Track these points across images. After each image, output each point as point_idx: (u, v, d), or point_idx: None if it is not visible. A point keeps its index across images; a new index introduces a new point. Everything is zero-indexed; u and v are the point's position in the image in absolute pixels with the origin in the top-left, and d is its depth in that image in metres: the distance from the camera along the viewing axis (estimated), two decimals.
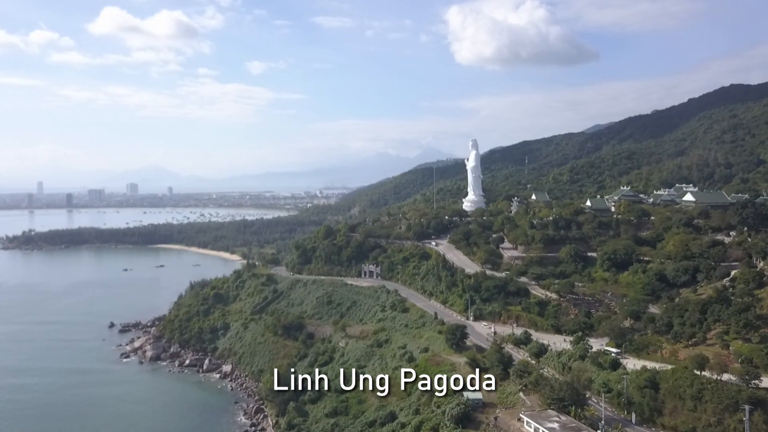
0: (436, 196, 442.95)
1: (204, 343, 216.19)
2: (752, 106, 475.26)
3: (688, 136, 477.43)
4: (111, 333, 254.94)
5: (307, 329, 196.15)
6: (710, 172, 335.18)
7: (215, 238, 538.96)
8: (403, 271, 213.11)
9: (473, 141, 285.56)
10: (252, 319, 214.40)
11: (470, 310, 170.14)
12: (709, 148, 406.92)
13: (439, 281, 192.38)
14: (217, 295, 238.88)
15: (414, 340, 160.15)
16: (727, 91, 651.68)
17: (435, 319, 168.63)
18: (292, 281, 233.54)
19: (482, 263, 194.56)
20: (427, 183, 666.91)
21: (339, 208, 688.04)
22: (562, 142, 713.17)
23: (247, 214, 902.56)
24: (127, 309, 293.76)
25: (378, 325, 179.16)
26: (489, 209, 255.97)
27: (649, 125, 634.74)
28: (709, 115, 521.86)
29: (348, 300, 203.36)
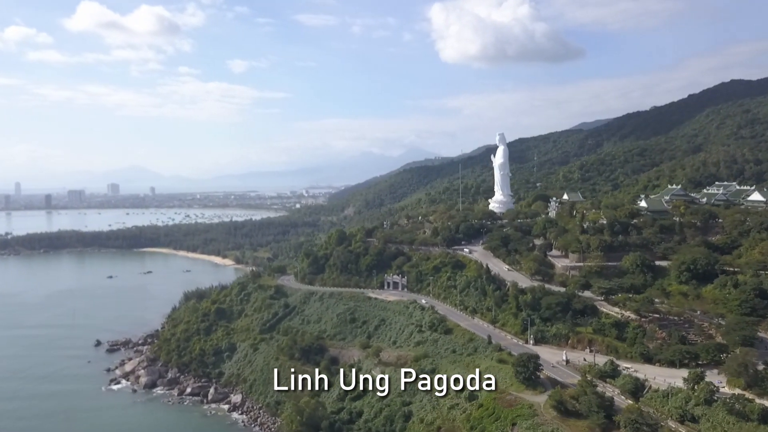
0: (442, 196, 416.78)
1: (207, 368, 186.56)
2: (765, 101, 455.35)
3: (699, 132, 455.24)
4: (97, 353, 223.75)
5: (329, 352, 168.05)
6: (739, 169, 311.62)
7: (204, 241, 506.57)
8: (435, 283, 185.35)
9: (501, 135, 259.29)
10: (262, 339, 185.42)
11: (529, 332, 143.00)
12: (727, 144, 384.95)
13: (483, 296, 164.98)
14: (219, 310, 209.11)
15: (469, 371, 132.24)
16: (728, 87, 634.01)
17: (489, 344, 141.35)
18: (305, 294, 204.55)
19: (531, 274, 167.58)
20: (423, 182, 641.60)
21: (332, 209, 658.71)
22: (560, 140, 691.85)
23: (233, 214, 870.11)
24: (114, 323, 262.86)
25: (418, 349, 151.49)
26: (523, 211, 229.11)
27: (651, 121, 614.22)
28: (717, 110, 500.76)
29: (374, 317, 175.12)
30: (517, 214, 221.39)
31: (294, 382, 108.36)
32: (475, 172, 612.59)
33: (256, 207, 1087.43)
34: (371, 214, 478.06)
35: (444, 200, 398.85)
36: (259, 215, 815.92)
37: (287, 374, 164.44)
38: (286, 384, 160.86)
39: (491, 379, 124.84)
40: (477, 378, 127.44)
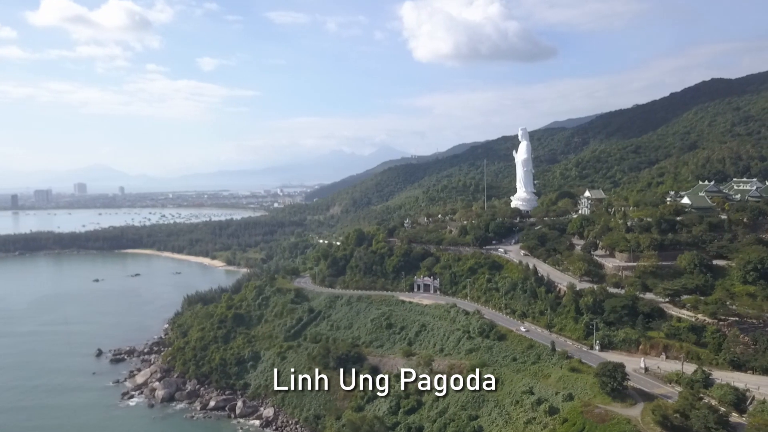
0: (441, 194, 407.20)
1: (230, 379, 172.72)
2: (755, 99, 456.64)
3: (691, 130, 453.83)
4: (100, 363, 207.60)
5: (368, 361, 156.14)
6: (745, 165, 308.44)
7: (190, 241, 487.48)
8: (473, 285, 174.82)
9: (523, 130, 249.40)
10: (289, 347, 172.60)
11: (595, 337, 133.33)
12: (723, 140, 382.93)
13: (533, 299, 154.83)
14: (237, 316, 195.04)
15: (540, 381, 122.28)
16: (709, 85, 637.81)
17: (553, 351, 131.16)
18: (329, 298, 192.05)
19: (580, 275, 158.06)
20: (410, 180, 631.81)
21: (316, 208, 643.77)
22: (544, 137, 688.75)
23: (210, 214, 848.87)
24: (111, 330, 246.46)
25: (471, 357, 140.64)
26: (551, 208, 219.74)
27: (636, 119, 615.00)
28: (705, 108, 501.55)
29: (413, 322, 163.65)
30: (546, 212, 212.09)
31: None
32: (463, 170, 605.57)
33: (232, 206, 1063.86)
34: (365, 213, 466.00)
35: (443, 198, 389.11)
36: (236, 215, 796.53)
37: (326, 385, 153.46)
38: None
39: (569, 390, 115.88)
40: (552, 389, 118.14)
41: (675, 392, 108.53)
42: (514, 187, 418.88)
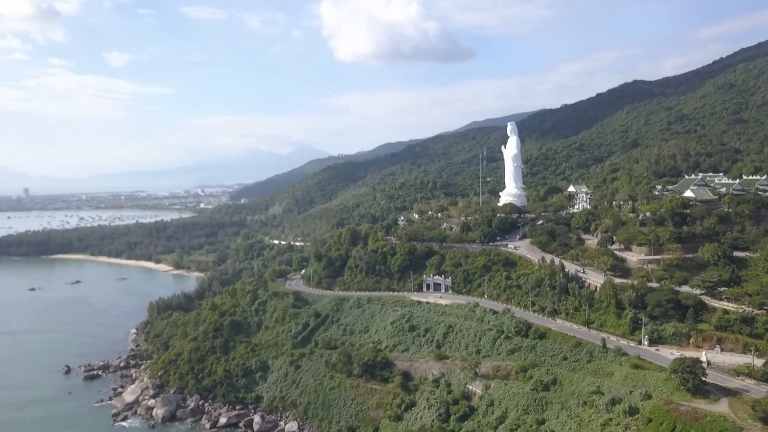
0: (399, 191, 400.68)
1: (239, 392, 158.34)
2: (684, 99, 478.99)
3: (628, 128, 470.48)
4: (73, 381, 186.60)
5: (397, 366, 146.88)
6: (695, 161, 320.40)
7: (128, 245, 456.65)
8: (490, 283, 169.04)
9: (512, 125, 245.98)
10: (301, 355, 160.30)
11: (643, 332, 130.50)
12: (664, 138, 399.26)
13: (563, 295, 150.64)
14: (234, 323, 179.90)
15: (604, 380, 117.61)
16: (632, 87, 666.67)
17: (604, 348, 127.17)
18: (334, 301, 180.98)
19: (605, 270, 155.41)
20: (352, 179, 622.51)
21: (255, 208, 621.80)
22: (478, 135, 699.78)
23: (134, 216, 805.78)
24: (70, 343, 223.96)
25: (514, 358, 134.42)
26: (551, 203, 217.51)
27: (568, 118, 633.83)
28: (637, 107, 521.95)
29: (437, 324, 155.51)
30: (544, 208, 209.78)
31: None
32: (405, 168, 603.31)
33: (154, 207, 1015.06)
34: (317, 212, 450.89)
35: (402, 196, 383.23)
36: (162, 216, 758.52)
37: (354, 394, 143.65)
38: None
39: (640, 388, 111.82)
40: (622, 388, 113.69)
41: (749, 385, 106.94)
42: (468, 185, 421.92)
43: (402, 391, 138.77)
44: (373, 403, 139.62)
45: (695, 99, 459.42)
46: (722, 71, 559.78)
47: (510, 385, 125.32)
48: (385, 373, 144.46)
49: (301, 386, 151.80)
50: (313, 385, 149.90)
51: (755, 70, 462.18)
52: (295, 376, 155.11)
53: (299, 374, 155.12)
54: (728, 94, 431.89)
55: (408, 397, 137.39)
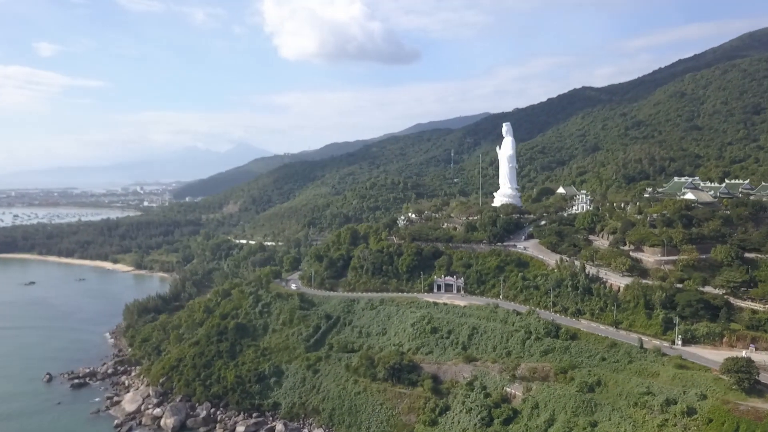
0: (371, 191, 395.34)
1: (253, 399, 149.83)
2: (638, 105, 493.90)
3: (586, 132, 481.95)
4: (58, 390, 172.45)
5: (424, 370, 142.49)
6: (661, 165, 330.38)
7: (79, 244, 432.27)
8: (505, 284, 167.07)
9: (507, 126, 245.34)
10: (317, 358, 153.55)
11: (676, 332, 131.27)
12: (624, 143, 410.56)
13: (586, 295, 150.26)
14: (239, 326, 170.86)
15: (653, 381, 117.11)
16: (581, 92, 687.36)
17: (642, 349, 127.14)
18: (344, 302, 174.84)
19: (622, 271, 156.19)
20: (309, 178, 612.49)
21: (208, 206, 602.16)
22: (433, 137, 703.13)
23: (74, 214, 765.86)
24: (45, 350, 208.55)
25: (549, 359, 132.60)
26: (551, 204, 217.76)
27: (521, 122, 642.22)
28: (590, 113, 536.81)
29: (459, 325, 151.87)
30: (545, 209, 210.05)
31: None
32: (363, 168, 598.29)
33: (93, 205, 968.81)
34: (285, 211, 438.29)
35: (374, 196, 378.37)
36: (102, 214, 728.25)
37: (383, 399, 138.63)
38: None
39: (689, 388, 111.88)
40: (674, 388, 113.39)
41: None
42: (437, 186, 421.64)
43: (433, 395, 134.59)
44: (404, 408, 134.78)
45: (649, 106, 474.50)
46: (666, 81, 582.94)
47: (553, 387, 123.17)
48: (412, 377, 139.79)
49: (323, 391, 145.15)
50: (335, 390, 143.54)
51: (702, 80, 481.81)
52: (314, 381, 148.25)
53: (318, 379, 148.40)
54: (680, 102, 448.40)
55: (440, 401, 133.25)
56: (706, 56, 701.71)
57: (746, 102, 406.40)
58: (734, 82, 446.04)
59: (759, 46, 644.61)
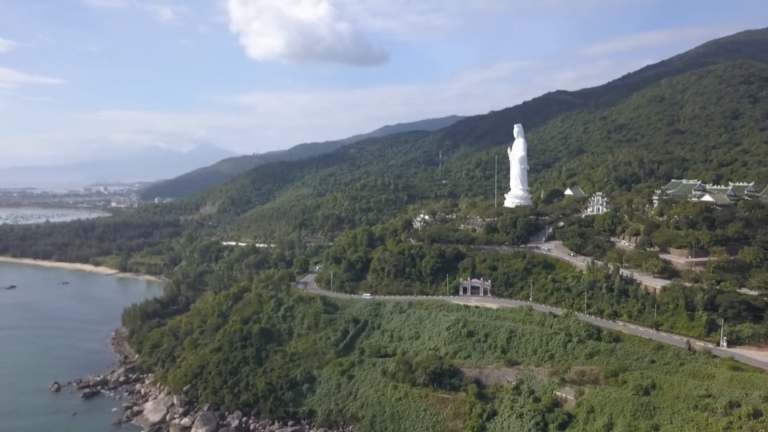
0: (361, 192, 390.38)
1: (287, 406, 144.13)
2: (617, 109, 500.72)
3: (568, 136, 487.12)
4: (70, 400, 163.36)
5: (466, 374, 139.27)
6: (651, 168, 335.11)
7: (57, 246, 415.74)
8: (536, 286, 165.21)
9: (518, 127, 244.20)
10: (351, 364, 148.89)
11: (721, 333, 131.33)
12: (608, 146, 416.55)
13: (621, 297, 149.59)
14: (263, 331, 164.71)
15: (711, 383, 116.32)
16: (556, 96, 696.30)
17: (690, 350, 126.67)
18: (370, 305, 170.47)
19: (654, 273, 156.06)
20: (287, 179, 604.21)
21: (184, 207, 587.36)
22: (411, 139, 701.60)
23: (38, 215, 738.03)
24: (45, 358, 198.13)
25: (596, 362, 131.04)
26: (568, 205, 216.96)
27: (499, 124, 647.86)
28: (570, 117, 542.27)
29: (495, 329, 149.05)
30: (561, 210, 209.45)
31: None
32: (343, 169, 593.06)
33: (57, 206, 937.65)
34: (271, 212, 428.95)
35: (366, 197, 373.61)
36: (68, 215, 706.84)
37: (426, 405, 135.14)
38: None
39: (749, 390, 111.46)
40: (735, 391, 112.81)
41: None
42: (427, 187, 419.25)
43: (478, 400, 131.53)
44: (450, 414, 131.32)
45: (629, 110, 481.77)
46: (637, 85, 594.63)
47: (608, 391, 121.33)
48: (454, 382, 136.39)
49: (360, 398, 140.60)
50: (374, 397, 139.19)
51: (679, 85, 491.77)
52: (350, 387, 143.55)
53: (354, 385, 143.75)
54: (660, 107, 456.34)
55: (486, 406, 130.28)
56: (673, 62, 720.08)
57: (725, 107, 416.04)
58: (711, 88, 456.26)
59: (724, 53, 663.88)
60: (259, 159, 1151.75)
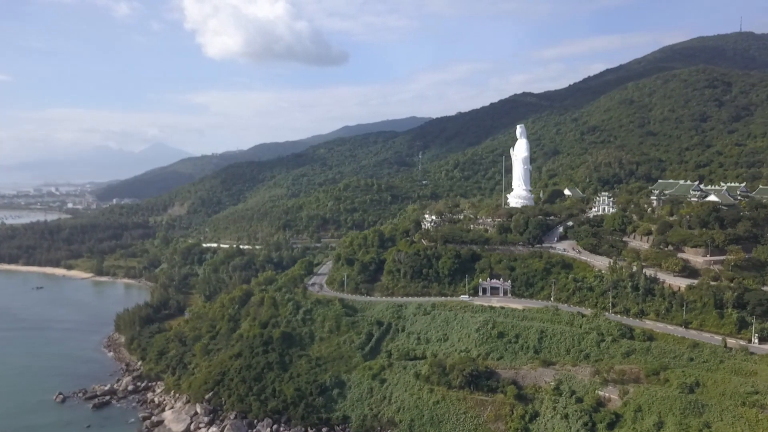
0: (344, 193, 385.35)
1: (318, 412, 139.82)
2: (591, 112, 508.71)
3: (540, 137, 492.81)
4: (79, 412, 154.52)
5: (501, 376, 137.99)
6: (631, 169, 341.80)
7: (22, 249, 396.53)
8: (557, 286, 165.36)
9: (521, 128, 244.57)
10: (381, 367, 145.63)
11: (753, 330, 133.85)
12: (583, 147, 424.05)
13: (647, 296, 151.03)
14: (285, 335, 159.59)
15: (755, 379, 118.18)
16: (522, 98, 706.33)
17: (726, 348, 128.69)
18: (391, 307, 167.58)
19: (674, 272, 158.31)
20: (259, 179, 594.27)
21: (151, 208, 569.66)
22: (379, 140, 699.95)
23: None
24: (42, 367, 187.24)
25: (633, 360, 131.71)
26: (575, 206, 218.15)
27: (468, 125, 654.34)
28: (540, 118, 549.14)
29: (526, 330, 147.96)
30: (568, 210, 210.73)
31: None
32: (315, 170, 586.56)
33: (9, 207, 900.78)
34: (254, 212, 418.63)
35: (350, 198, 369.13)
36: (23, 216, 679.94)
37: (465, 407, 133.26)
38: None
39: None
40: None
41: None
42: (409, 188, 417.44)
43: (517, 402, 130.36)
44: (490, 416, 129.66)
45: (599, 112, 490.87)
46: (601, 88, 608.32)
47: (653, 389, 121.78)
48: (491, 383, 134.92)
49: (395, 402, 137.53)
50: (410, 400, 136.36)
51: (646, 88, 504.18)
52: (383, 392, 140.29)
53: (387, 389, 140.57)
54: (630, 109, 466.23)
55: (526, 407, 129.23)
56: (631, 66, 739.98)
57: (692, 110, 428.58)
58: (677, 91, 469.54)
59: (680, 58, 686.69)
60: (219, 159, 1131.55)
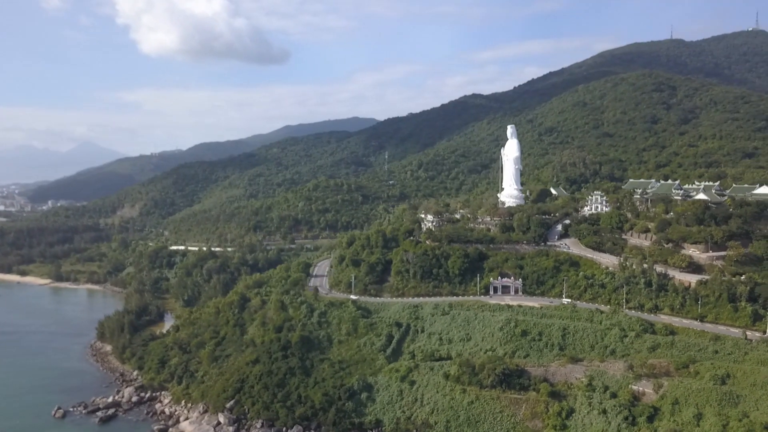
0: (315, 193, 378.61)
1: (349, 417, 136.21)
2: (546, 113, 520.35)
3: (498, 137, 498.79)
4: (85, 427, 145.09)
5: (532, 374, 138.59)
6: (595, 168, 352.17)
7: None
8: (568, 283, 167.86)
9: (512, 128, 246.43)
10: (408, 369, 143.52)
11: (767, 322, 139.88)
12: (543, 148, 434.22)
13: (661, 292, 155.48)
14: (303, 339, 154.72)
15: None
16: (471, 99, 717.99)
17: (747, 340, 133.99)
18: (406, 308, 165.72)
19: (681, 268, 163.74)
20: (212, 179, 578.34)
21: (99, 210, 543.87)
22: (332, 139, 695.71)
23: None
24: (30, 379, 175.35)
25: (660, 354, 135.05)
26: (569, 204, 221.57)
27: (422, 126, 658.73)
28: (496, 119, 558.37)
29: (549, 327, 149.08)
30: (562, 209, 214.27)
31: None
32: (270, 169, 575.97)
33: None
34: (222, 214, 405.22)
35: (321, 198, 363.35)
36: None
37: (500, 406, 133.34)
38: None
39: None
40: None
41: None
42: (378, 188, 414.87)
43: (551, 399, 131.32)
44: (527, 414, 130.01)
45: (554, 114, 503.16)
46: (548, 90, 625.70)
47: (687, 382, 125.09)
48: (523, 381, 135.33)
49: (428, 403, 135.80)
50: (444, 401, 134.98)
51: (596, 91, 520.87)
52: (414, 394, 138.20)
53: (418, 390, 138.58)
54: (583, 111, 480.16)
55: (561, 404, 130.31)
56: (573, 70, 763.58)
57: (644, 112, 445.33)
58: (627, 94, 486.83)
59: (620, 62, 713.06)
60: (158, 159, 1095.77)
